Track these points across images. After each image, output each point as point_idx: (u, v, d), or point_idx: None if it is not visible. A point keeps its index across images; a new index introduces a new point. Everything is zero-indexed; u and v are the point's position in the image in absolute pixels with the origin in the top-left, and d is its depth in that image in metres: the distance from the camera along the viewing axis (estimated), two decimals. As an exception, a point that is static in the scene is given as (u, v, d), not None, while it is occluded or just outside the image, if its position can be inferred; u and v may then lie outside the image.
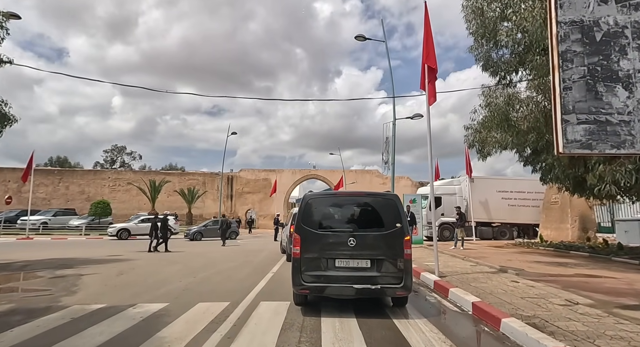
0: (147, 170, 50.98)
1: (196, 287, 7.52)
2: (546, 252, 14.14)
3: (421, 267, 9.47)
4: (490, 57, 12.15)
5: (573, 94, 5.01)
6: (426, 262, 10.49)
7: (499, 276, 7.97)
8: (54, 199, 43.88)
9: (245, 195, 47.43)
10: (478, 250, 14.73)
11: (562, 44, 5.08)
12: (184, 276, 8.91)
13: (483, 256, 12.20)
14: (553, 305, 5.34)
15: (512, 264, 10.16)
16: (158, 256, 13.88)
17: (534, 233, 22.74)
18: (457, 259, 11.35)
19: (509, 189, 22.86)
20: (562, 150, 5.01)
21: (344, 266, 5.44)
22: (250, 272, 9.64)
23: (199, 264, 11.31)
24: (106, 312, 5.48)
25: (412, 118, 16.05)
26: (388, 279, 5.37)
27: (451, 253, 12.85)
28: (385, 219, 5.65)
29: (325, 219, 5.85)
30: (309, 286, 5.42)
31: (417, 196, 18.14)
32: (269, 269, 10.22)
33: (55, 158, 69.72)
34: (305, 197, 6.03)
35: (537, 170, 13.25)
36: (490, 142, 12.92)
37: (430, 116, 8.37)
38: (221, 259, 12.92)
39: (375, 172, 50.41)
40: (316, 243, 5.54)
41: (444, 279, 7.72)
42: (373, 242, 5.51)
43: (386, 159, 16.21)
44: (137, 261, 12.01)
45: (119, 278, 8.71)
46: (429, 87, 8.26)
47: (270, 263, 11.48)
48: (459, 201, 22.75)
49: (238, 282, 8.18)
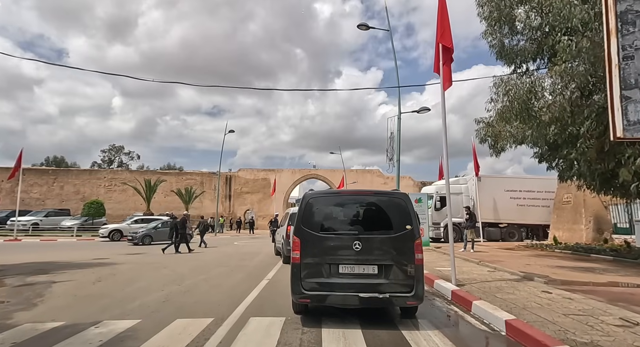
0: (144, 170, 49.98)
1: (178, 298, 6.54)
2: (564, 255, 13.14)
3: (433, 273, 8.49)
4: (504, 44, 11.22)
5: (636, 65, 4.04)
6: (438, 267, 9.50)
7: (525, 285, 6.97)
8: (49, 199, 42.91)
9: (244, 195, 46.44)
10: (490, 253, 13.74)
11: (620, 2, 4.11)
12: (168, 284, 7.93)
13: (498, 259, 11.21)
14: (608, 326, 4.35)
15: (533, 269, 9.19)
16: (156, 258, 12.90)
17: (543, 234, 21.76)
18: (471, 264, 10.35)
19: (517, 188, 21.86)
20: (621, 134, 4.04)
21: (349, 272, 4.92)
22: (243, 279, 8.66)
23: (187, 269, 10.33)
24: (59, 333, 4.49)
25: (418, 112, 15.08)
26: (397, 287, 4.85)
27: (462, 256, 11.86)
28: (394, 221, 5.13)
29: (327, 221, 5.31)
30: (309, 294, 4.89)
31: (422, 195, 17.15)
32: (264, 274, 9.24)
33: (52, 158, 68.83)
34: (306, 196, 5.48)
35: (554, 167, 12.30)
36: (504, 136, 11.97)
37: (445, 104, 7.39)
38: (213, 262, 11.94)
39: (377, 171, 49.47)
40: (318, 247, 5.01)
41: (462, 288, 6.74)
42: (380, 246, 5.00)
43: (390, 155, 15.22)
44: (121, 265, 11.03)
45: (94, 286, 7.73)
46: (443, 69, 7.29)
47: (265, 268, 10.50)
48: (466, 200, 21.75)
49: (227, 291, 7.20)
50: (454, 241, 20.41)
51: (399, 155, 14.26)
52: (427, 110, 15.13)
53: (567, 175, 11.43)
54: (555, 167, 12.31)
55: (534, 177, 23.03)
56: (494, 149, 12.58)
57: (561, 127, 9.04)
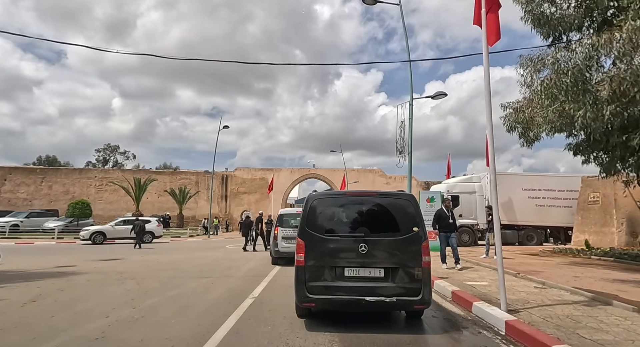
0: (137, 170, 48.07)
1: (121, 332, 4.65)
2: (605, 262, 11.25)
3: (466, 290, 6.62)
4: (543, 11, 9.36)
5: None
6: (469, 282, 7.62)
7: (605, 313, 5.08)
8: (36, 199, 41.01)
9: (241, 195, 44.51)
10: (516, 260, 11.85)
11: None
12: (121, 305, 6.05)
13: (533, 269, 9.32)
14: None
15: (584, 283, 7.32)
16: (129, 266, 10.99)
17: (565, 237, 19.86)
18: (507, 276, 8.46)
19: (536, 187, 19.91)
20: None
21: (354, 275, 4.82)
22: (222, 297, 6.77)
23: (159, 281, 8.44)
24: None
25: (433, 97, 13.17)
26: (404, 290, 4.73)
27: (489, 264, 9.99)
28: (400, 223, 5.02)
29: (332, 223, 5.22)
30: (314, 298, 4.78)
31: (436, 194, 15.23)
32: (251, 289, 7.37)
33: (44, 157, 66.91)
34: (310, 197, 5.40)
35: (593, 160, 10.44)
36: (538, 122, 10.09)
37: (489, 67, 5.50)
38: (194, 272, 10.06)
39: (379, 171, 47.65)
40: (322, 250, 4.92)
41: (518, 316, 4.86)
42: (387, 249, 4.90)
43: (401, 147, 13.30)
44: (80, 277, 9.13)
45: (21, 310, 5.83)
46: (487, 19, 5.41)
47: (254, 279, 8.61)
48: (479, 200, 19.86)
49: (195, 318, 5.31)
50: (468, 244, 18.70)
51: (410, 145, 12.31)
52: (444, 95, 13.23)
53: (615, 168, 9.56)
54: (595, 160, 10.46)
55: (555, 175, 21.20)
56: (525, 139, 10.69)
57: (625, 104, 7.19)
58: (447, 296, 6.71)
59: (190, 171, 45.63)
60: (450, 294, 6.62)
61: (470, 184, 20.24)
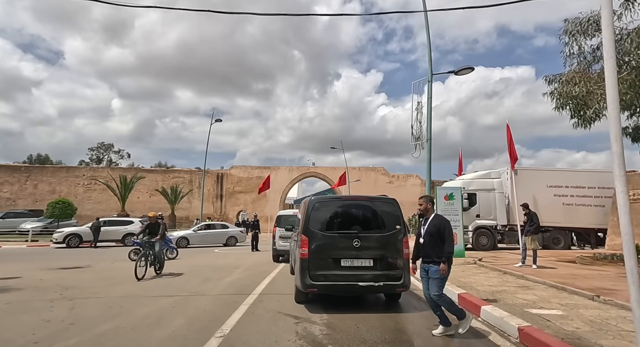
0: (127, 168, 45.87)
1: None
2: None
3: (542, 329, 4.39)
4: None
5: None
6: (534, 310, 5.37)
7: None
8: (20, 199, 38.81)
9: (237, 195, 42.32)
10: (561, 269, 9.66)
11: None
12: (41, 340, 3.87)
13: (600, 286, 7.13)
14: None
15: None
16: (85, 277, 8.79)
17: (596, 241, 17.62)
18: (579, 299, 6.25)
19: (563, 184, 17.70)
20: None
21: (349, 265, 5.74)
22: (176, 335, 4.57)
23: (100, 305, 6.23)
24: None
25: (456, 73, 10.97)
26: (389, 276, 5.71)
27: (540, 279, 7.81)
28: (386, 222, 6.03)
29: (331, 222, 6.03)
30: (316, 284, 5.65)
31: (455, 190, 13.03)
32: (223, 319, 5.17)
33: (35, 156, 64.68)
34: (312, 201, 6.24)
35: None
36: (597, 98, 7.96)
37: None
38: (157, 288, 7.86)
39: (381, 169, 45.56)
40: (323, 244, 5.81)
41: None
42: (375, 243, 5.86)
43: (417, 134, 11.11)
44: (5, 295, 6.94)
45: None
46: None
47: (232, 301, 6.39)
48: (499, 198, 17.70)
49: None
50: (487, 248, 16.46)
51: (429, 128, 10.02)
52: (471, 69, 11.01)
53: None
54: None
55: (584, 170, 18.98)
56: (580, 118, 8.55)
57: None
58: (510, 334, 4.51)
59: (184, 169, 43.44)
60: (515, 331, 4.42)
61: (489, 180, 18.02)
